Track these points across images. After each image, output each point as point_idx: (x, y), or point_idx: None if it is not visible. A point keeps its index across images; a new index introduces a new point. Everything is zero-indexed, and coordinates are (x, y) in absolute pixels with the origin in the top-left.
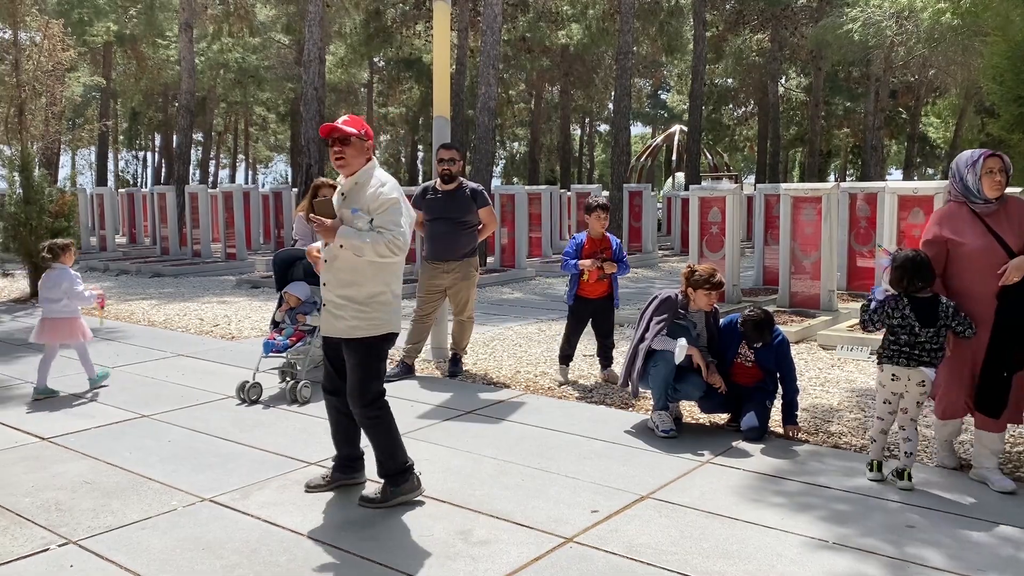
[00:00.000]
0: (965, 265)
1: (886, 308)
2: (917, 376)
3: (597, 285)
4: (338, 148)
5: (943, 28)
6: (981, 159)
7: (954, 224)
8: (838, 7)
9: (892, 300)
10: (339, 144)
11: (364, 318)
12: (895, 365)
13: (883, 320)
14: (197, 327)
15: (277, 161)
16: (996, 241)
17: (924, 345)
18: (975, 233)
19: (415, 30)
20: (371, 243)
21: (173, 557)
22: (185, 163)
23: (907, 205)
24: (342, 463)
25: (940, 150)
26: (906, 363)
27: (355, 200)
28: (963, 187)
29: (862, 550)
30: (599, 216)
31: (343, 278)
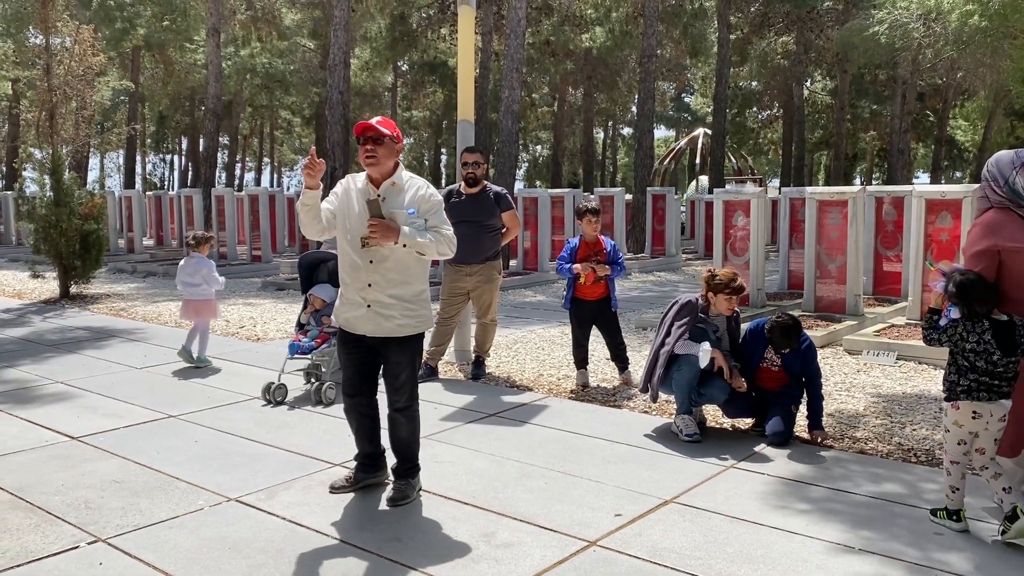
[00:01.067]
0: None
1: (959, 329)
2: (999, 411)
3: (593, 287)
4: (371, 147)
5: (971, 30)
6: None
7: (1009, 231)
8: (864, 9)
9: (968, 321)
10: (372, 143)
11: (412, 315)
12: (976, 401)
13: (953, 341)
14: (223, 328)
15: (302, 164)
16: None
17: (1003, 375)
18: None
19: (439, 34)
20: (434, 243)
21: (200, 556)
22: (211, 166)
23: (935, 209)
24: (365, 462)
25: (968, 153)
26: (987, 397)
27: (395, 202)
28: (1011, 191)
29: (887, 556)
30: (590, 220)
31: (393, 278)
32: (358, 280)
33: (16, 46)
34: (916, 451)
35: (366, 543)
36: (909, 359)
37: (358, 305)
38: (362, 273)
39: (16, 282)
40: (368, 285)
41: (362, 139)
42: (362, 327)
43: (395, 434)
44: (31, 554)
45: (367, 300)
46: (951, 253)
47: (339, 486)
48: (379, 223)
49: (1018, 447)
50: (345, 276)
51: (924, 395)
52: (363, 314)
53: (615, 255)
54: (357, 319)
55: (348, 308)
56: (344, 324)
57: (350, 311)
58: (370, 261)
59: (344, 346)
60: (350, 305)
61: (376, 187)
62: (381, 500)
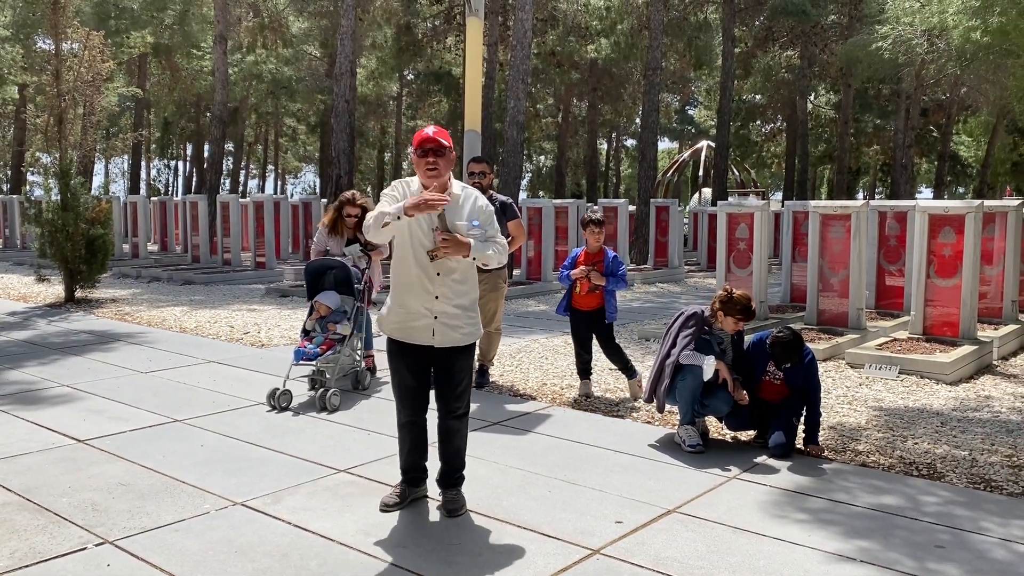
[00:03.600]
0: None
1: None
2: None
3: (588, 298)
4: (433, 159)
5: (974, 47)
6: None
7: None
8: (868, 24)
9: None
10: (434, 155)
11: (472, 323)
12: None
13: None
14: (228, 334)
15: (306, 172)
16: None
17: None
18: None
19: (445, 44)
20: (496, 254)
21: (206, 559)
22: (216, 172)
23: (938, 224)
24: (418, 476)
25: (971, 169)
26: None
27: (454, 213)
28: None
29: (886, 567)
30: (593, 231)
31: (459, 288)
32: (424, 292)
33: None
34: (918, 464)
35: (371, 549)
36: (911, 373)
37: (422, 316)
38: (428, 285)
39: (21, 285)
40: (436, 297)
41: (421, 151)
42: (427, 338)
43: (451, 443)
44: (39, 555)
45: (433, 312)
46: (953, 268)
47: (392, 503)
48: (451, 238)
49: None
50: (407, 287)
51: (926, 409)
52: (428, 325)
53: (615, 267)
54: (419, 330)
55: (409, 318)
56: (403, 335)
57: (411, 321)
58: (437, 273)
59: (402, 358)
60: (412, 316)
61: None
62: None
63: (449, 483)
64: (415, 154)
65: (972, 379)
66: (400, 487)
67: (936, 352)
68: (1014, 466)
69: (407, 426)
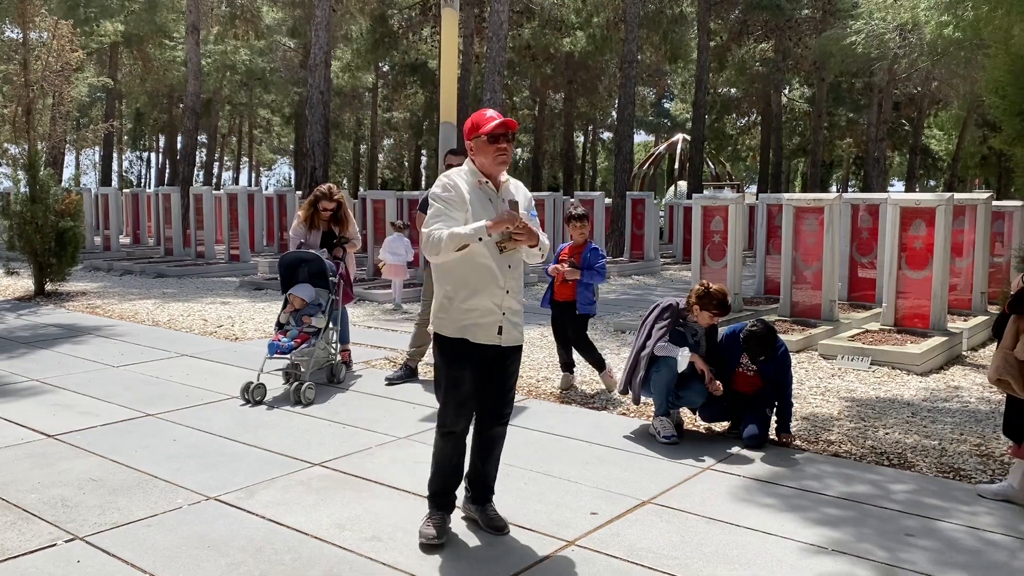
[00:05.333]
0: None
1: None
2: None
3: (563, 289)
4: (505, 145)
5: (946, 41)
6: None
7: None
8: (842, 19)
9: None
10: (506, 141)
11: (523, 320)
12: None
13: None
14: (201, 328)
15: (281, 164)
16: None
17: None
18: None
19: (420, 35)
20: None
21: (179, 554)
22: (189, 164)
23: (909, 217)
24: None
25: (943, 162)
26: None
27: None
28: None
29: (857, 556)
30: (575, 226)
31: (519, 284)
32: (494, 287)
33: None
34: (888, 454)
35: (346, 542)
36: (883, 364)
37: (491, 313)
38: (499, 280)
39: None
40: (507, 292)
41: (491, 136)
42: (492, 337)
43: (493, 452)
44: (7, 552)
45: (502, 308)
46: (924, 261)
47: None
48: (525, 226)
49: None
50: (475, 283)
51: (897, 399)
52: (495, 322)
53: (592, 259)
54: (486, 328)
55: (475, 316)
56: (469, 335)
57: (478, 319)
58: (508, 266)
59: (467, 362)
60: (481, 314)
61: (495, 187)
62: (357, 499)
63: (488, 497)
64: (482, 140)
65: (942, 370)
66: (438, 516)
67: (907, 343)
68: (982, 455)
69: (458, 437)
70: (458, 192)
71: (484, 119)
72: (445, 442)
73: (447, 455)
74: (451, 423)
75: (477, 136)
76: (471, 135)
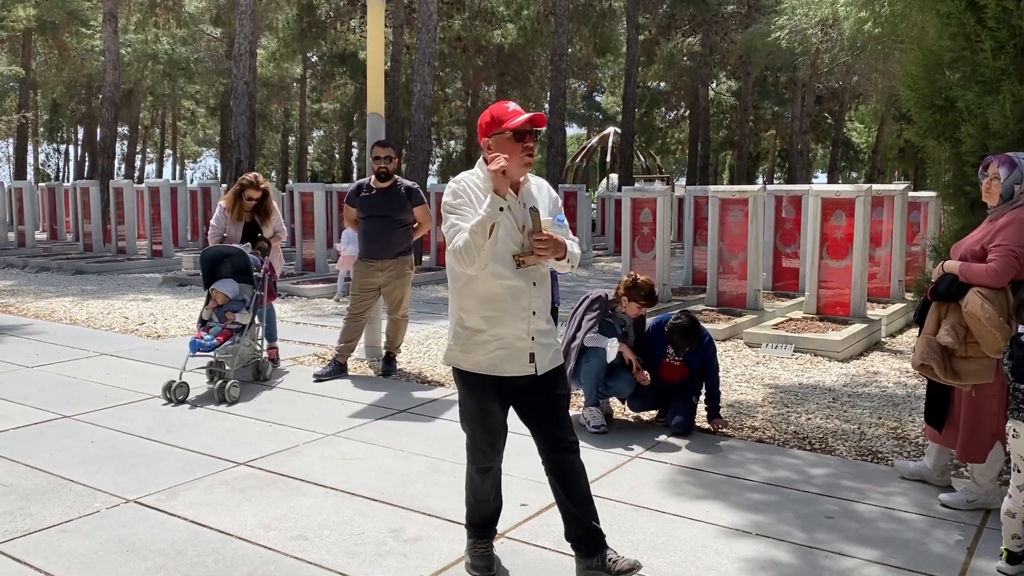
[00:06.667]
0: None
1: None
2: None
3: None
4: (533, 144)
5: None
6: None
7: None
8: (766, 14)
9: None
10: (533, 140)
11: (556, 338)
12: (1014, 419)
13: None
14: (122, 325)
15: (206, 156)
16: None
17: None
18: None
19: (349, 25)
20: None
21: (95, 560)
22: (109, 157)
23: (830, 208)
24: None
25: (863, 155)
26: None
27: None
28: None
29: (779, 538)
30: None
31: (547, 302)
32: (518, 309)
33: None
34: (810, 439)
35: (271, 542)
36: (806, 351)
37: (517, 340)
38: (523, 299)
39: None
40: (533, 314)
41: (517, 134)
42: (525, 367)
43: (579, 483)
44: None
45: (530, 332)
46: (845, 250)
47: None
48: (549, 238)
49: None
50: (492, 308)
51: (819, 385)
52: (525, 349)
53: None
54: (514, 358)
55: (498, 347)
56: (496, 370)
57: (503, 350)
58: (533, 283)
59: (493, 394)
60: (502, 343)
61: (515, 192)
62: (283, 498)
63: (600, 541)
64: (505, 137)
65: (862, 356)
66: (483, 545)
67: (829, 331)
68: (898, 437)
69: (491, 472)
70: (469, 198)
71: (507, 113)
72: (483, 478)
73: (486, 489)
74: (486, 458)
75: (498, 132)
76: (490, 131)
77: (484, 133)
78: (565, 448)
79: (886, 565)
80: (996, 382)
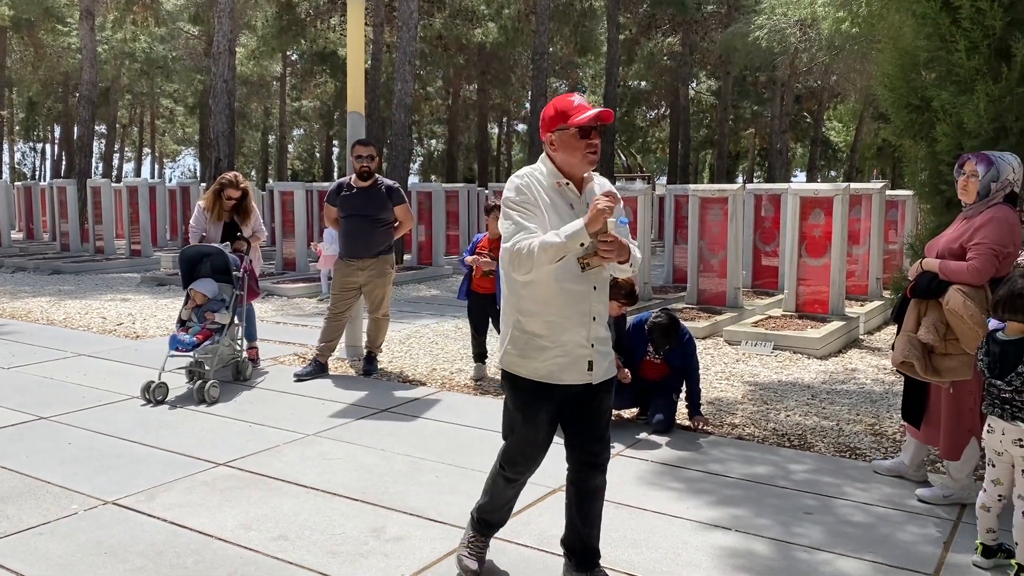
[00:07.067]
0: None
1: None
2: (1014, 433)
3: (483, 281)
4: (598, 140)
5: (843, 37)
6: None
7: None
8: (746, 14)
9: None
10: (599, 136)
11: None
12: (990, 414)
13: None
14: (100, 326)
15: (185, 155)
16: None
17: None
18: None
19: (329, 23)
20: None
21: (73, 562)
22: (87, 156)
23: (808, 206)
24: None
25: (842, 153)
26: (1000, 413)
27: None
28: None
29: (756, 534)
30: (496, 216)
31: (607, 307)
32: (580, 314)
33: None
34: (789, 435)
35: (251, 542)
36: (785, 349)
37: (578, 347)
38: (584, 304)
39: None
40: (593, 319)
41: (582, 130)
42: (583, 375)
43: (595, 504)
44: None
45: (591, 339)
46: (823, 249)
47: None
48: (614, 239)
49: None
50: (555, 314)
51: (798, 382)
52: (585, 357)
53: None
54: (574, 366)
55: (559, 354)
56: (554, 377)
57: (563, 357)
58: (594, 288)
59: (548, 404)
60: (563, 350)
61: (578, 189)
62: (264, 498)
63: (595, 561)
64: (569, 133)
65: (840, 353)
66: (481, 543)
67: (807, 328)
68: (876, 434)
69: (519, 483)
70: (533, 195)
71: (572, 107)
72: (508, 486)
73: (507, 497)
74: (522, 470)
75: (563, 128)
76: (553, 126)
77: (547, 128)
78: (597, 465)
79: (863, 560)
80: (974, 379)
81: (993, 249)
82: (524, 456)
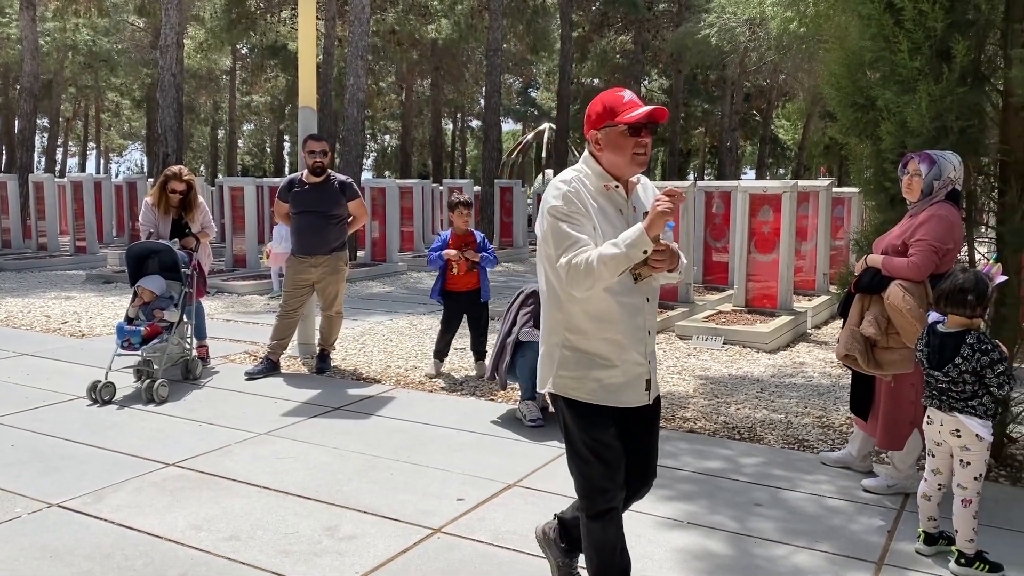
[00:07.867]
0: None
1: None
2: (951, 423)
3: (465, 279)
4: (648, 139)
5: (791, 36)
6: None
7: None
8: (696, 13)
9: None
10: (649, 135)
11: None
12: (929, 405)
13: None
14: (43, 324)
15: (132, 150)
16: None
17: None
18: None
19: (280, 17)
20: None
21: (17, 567)
22: (28, 150)
23: (757, 203)
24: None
25: (790, 151)
26: (938, 404)
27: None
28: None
29: (711, 527)
30: (462, 212)
31: (656, 320)
32: (636, 328)
33: None
34: (739, 429)
35: (202, 543)
36: (735, 343)
37: (636, 366)
38: (639, 318)
39: None
40: (648, 333)
41: (632, 128)
42: (641, 396)
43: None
44: None
45: (646, 355)
46: (772, 245)
47: None
48: (666, 247)
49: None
50: (612, 331)
51: (747, 376)
52: (642, 375)
53: (484, 246)
54: (632, 385)
55: (617, 375)
56: (613, 400)
57: (622, 378)
58: (647, 299)
59: (600, 422)
60: (621, 371)
61: (626, 192)
62: (215, 498)
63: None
64: (618, 131)
65: (789, 347)
66: None
67: (757, 323)
68: (823, 426)
69: (613, 515)
70: (583, 203)
71: (622, 103)
72: (604, 524)
73: (609, 540)
74: (609, 497)
75: (611, 125)
76: (600, 122)
77: (593, 125)
78: (638, 499)
79: (814, 550)
80: (915, 372)
81: (933, 246)
82: (602, 481)
